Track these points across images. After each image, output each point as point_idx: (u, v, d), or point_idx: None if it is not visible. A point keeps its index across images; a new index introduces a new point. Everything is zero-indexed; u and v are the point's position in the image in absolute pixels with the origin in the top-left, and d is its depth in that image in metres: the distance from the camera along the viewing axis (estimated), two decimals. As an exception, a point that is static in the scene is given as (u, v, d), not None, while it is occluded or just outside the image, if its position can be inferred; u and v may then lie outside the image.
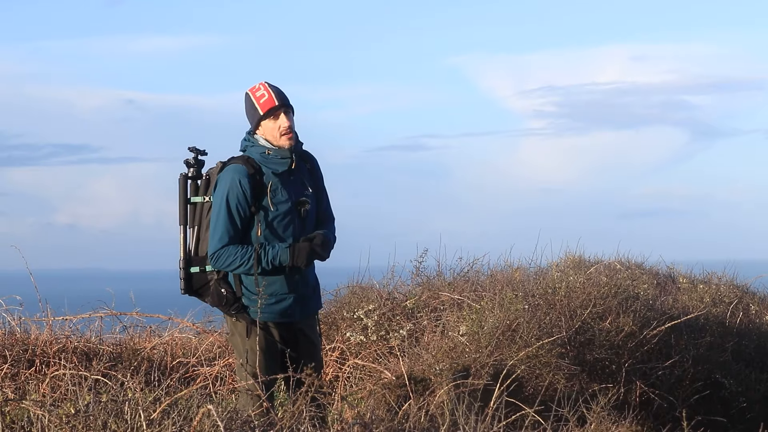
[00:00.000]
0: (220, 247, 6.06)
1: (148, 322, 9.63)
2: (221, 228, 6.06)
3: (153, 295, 12.12)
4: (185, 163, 6.25)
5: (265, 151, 6.13)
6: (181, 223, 6.23)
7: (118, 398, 4.89)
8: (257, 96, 6.17)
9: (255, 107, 6.17)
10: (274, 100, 6.14)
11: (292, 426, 4.92)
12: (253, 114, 6.19)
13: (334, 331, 9.03)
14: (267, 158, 6.13)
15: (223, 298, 6.12)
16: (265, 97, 6.15)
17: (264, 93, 6.16)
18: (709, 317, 9.72)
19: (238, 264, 6.05)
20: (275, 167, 6.13)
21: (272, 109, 6.13)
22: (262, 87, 6.18)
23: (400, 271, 10.12)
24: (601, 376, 8.23)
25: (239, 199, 6.06)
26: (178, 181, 6.24)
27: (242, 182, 6.06)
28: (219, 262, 6.09)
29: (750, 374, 9.10)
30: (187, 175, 6.24)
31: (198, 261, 6.21)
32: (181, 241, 6.21)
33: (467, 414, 5.52)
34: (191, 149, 6.25)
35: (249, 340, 6.09)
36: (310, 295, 6.28)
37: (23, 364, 8.32)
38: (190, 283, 6.21)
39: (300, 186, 6.20)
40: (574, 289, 8.64)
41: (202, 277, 6.21)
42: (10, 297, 9.07)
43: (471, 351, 7.77)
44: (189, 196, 6.24)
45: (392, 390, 7.30)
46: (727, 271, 12.03)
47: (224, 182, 6.10)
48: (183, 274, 6.19)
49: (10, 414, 5.22)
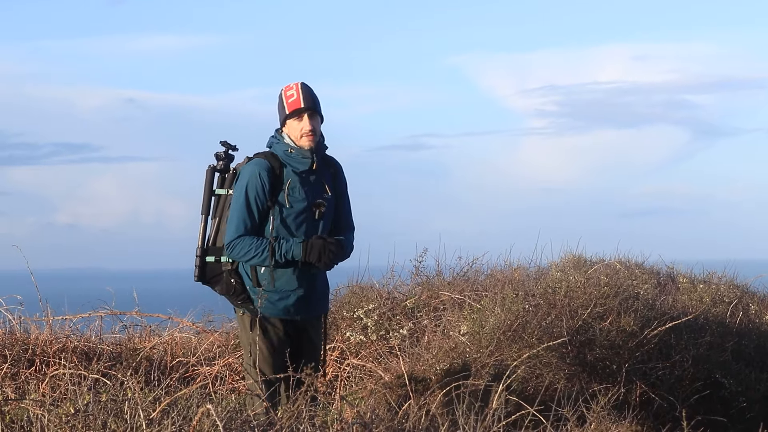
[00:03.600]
0: (236, 237, 6.21)
1: (148, 321, 9.64)
2: (238, 218, 6.22)
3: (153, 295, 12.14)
4: (215, 156, 6.40)
5: (288, 149, 6.29)
6: (204, 212, 6.39)
7: (117, 398, 4.89)
8: (287, 95, 6.33)
9: (283, 105, 6.35)
10: (300, 102, 6.28)
11: (291, 426, 4.92)
12: (281, 112, 6.37)
13: (334, 331, 9.03)
14: (289, 156, 6.27)
15: (231, 288, 6.26)
16: (294, 98, 6.30)
17: (294, 93, 6.32)
18: (709, 317, 9.71)
19: (252, 255, 6.18)
20: (296, 166, 6.27)
21: (298, 110, 6.28)
22: (295, 87, 6.34)
23: (399, 271, 10.13)
24: (601, 376, 8.22)
25: (258, 192, 6.21)
26: (205, 172, 6.39)
27: (262, 175, 6.21)
28: (234, 252, 6.22)
29: (750, 374, 9.09)
30: (215, 167, 6.40)
31: (215, 251, 6.35)
32: (201, 230, 6.36)
33: (467, 414, 5.52)
34: (223, 143, 6.41)
35: (252, 333, 6.19)
36: (316, 297, 6.36)
37: (23, 364, 8.33)
38: (204, 272, 6.35)
39: (319, 188, 6.33)
40: (574, 289, 8.63)
41: (216, 267, 6.35)
42: (10, 296, 9.08)
43: (472, 351, 7.78)
44: (214, 188, 6.39)
45: (392, 390, 7.30)
46: (727, 271, 12.02)
47: (245, 175, 6.26)
48: (198, 262, 6.34)
49: (10, 413, 5.22)
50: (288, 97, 6.31)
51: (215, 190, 6.39)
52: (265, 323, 6.17)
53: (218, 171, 6.39)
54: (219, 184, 6.40)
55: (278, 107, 6.39)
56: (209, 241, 6.36)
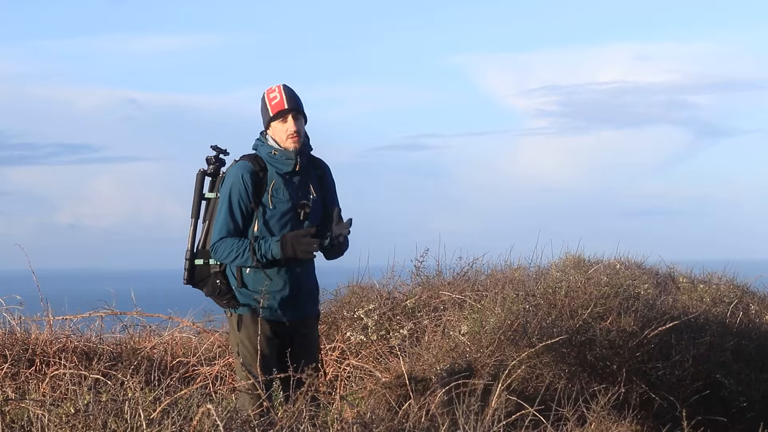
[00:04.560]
0: (219, 239, 6.26)
1: (149, 321, 9.63)
2: (222, 221, 6.27)
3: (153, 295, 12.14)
4: (206, 160, 6.44)
5: (271, 151, 6.32)
6: (193, 216, 6.43)
7: (118, 398, 4.89)
8: (270, 97, 6.36)
9: (267, 108, 6.37)
10: (284, 104, 6.31)
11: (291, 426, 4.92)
12: (264, 114, 6.39)
13: (334, 331, 9.03)
14: (273, 158, 6.31)
15: (216, 289, 6.31)
16: (277, 100, 6.33)
17: (277, 95, 6.34)
18: (709, 317, 9.71)
19: (235, 256, 6.23)
20: (280, 167, 6.31)
21: (281, 112, 6.32)
22: (277, 89, 6.36)
23: (400, 271, 10.13)
24: (601, 376, 8.23)
25: (241, 194, 6.25)
26: (195, 176, 6.43)
27: (245, 177, 6.26)
28: (217, 254, 6.28)
29: (750, 374, 9.10)
30: (205, 171, 6.44)
31: (203, 254, 6.39)
32: (190, 234, 6.41)
33: (467, 414, 5.53)
34: (213, 147, 6.44)
35: (240, 334, 6.26)
36: (304, 299, 6.37)
37: (23, 364, 8.33)
38: (193, 275, 6.40)
39: (304, 189, 6.36)
40: (574, 289, 8.64)
41: (204, 269, 6.40)
42: (10, 296, 9.07)
43: (472, 351, 7.78)
44: (204, 192, 6.43)
45: (392, 390, 7.30)
46: (727, 271, 12.04)
47: (229, 177, 6.31)
48: (187, 265, 6.39)
49: (10, 413, 5.23)
50: (271, 99, 6.34)
51: (204, 194, 6.43)
52: (252, 324, 6.20)
53: (208, 175, 6.43)
54: (209, 187, 6.44)
55: (261, 110, 6.41)
56: (199, 245, 6.41)
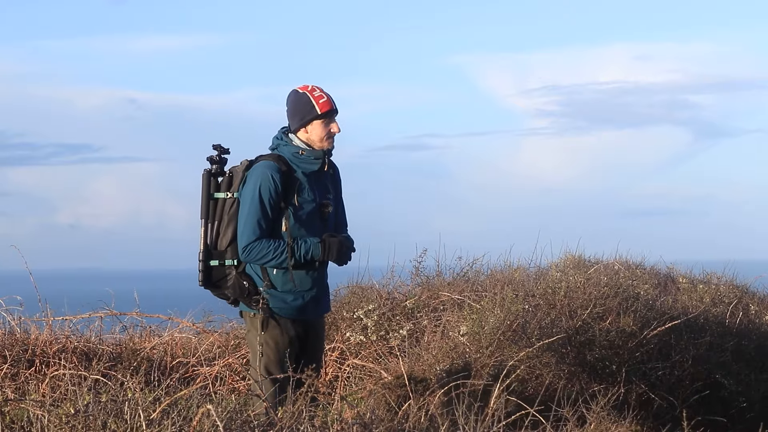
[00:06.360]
0: (253, 240, 6.20)
1: (148, 322, 9.64)
2: (253, 221, 6.21)
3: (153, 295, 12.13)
4: (208, 160, 6.38)
5: (298, 150, 6.30)
6: (203, 217, 6.36)
7: (117, 398, 4.89)
8: (315, 96, 6.33)
9: (312, 106, 6.31)
10: (332, 104, 6.33)
11: (292, 426, 4.92)
12: (309, 111, 6.32)
13: (334, 331, 9.04)
14: (299, 158, 6.30)
15: (245, 290, 6.25)
16: (324, 99, 6.32)
17: (322, 95, 6.33)
18: (709, 317, 9.71)
19: (271, 257, 6.20)
20: (306, 167, 6.30)
21: (329, 112, 6.32)
22: (318, 89, 6.36)
23: (399, 271, 10.13)
24: (601, 376, 8.23)
25: (271, 193, 6.22)
26: (201, 177, 6.37)
27: (274, 177, 6.22)
28: (251, 255, 6.22)
29: (750, 374, 9.10)
30: (210, 171, 6.37)
31: (217, 255, 6.32)
32: (201, 235, 6.34)
33: (467, 414, 5.53)
34: (215, 147, 6.39)
35: (265, 334, 6.20)
36: (326, 297, 6.46)
37: (23, 364, 8.33)
38: (209, 276, 6.33)
39: (324, 189, 6.38)
40: (574, 290, 8.64)
41: (220, 270, 6.33)
42: (10, 297, 9.07)
43: (472, 351, 7.78)
44: (212, 192, 6.37)
45: (392, 390, 7.30)
46: (727, 271, 12.03)
47: (255, 177, 6.25)
48: (202, 267, 6.32)
49: (10, 414, 5.23)
50: (317, 98, 6.31)
51: (213, 194, 6.37)
52: (278, 324, 6.21)
53: (213, 175, 6.37)
54: (215, 188, 6.39)
55: (298, 109, 6.34)
56: (211, 245, 6.35)
